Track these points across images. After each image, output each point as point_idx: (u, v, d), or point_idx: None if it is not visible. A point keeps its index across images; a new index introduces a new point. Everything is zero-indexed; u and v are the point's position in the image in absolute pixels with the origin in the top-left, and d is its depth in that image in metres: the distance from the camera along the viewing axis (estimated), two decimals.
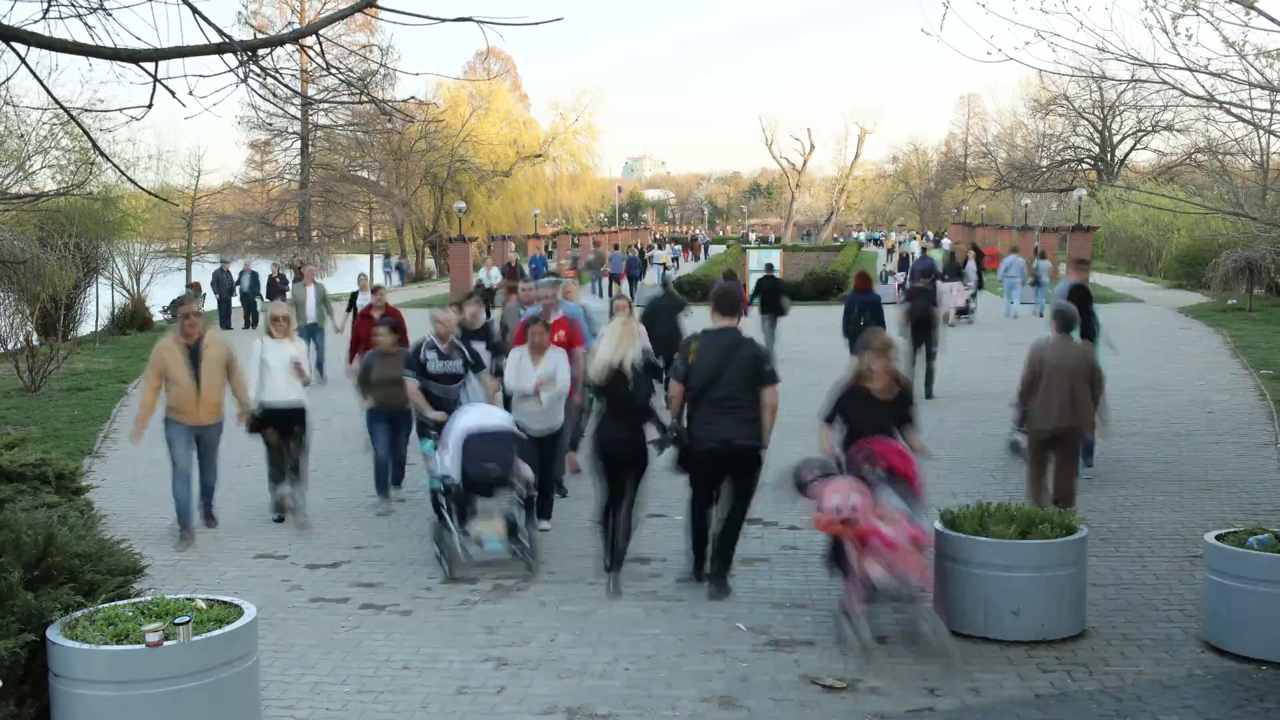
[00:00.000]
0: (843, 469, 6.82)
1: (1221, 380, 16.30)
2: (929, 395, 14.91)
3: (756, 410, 7.38)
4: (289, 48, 28.32)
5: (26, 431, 8.17)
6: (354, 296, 17.78)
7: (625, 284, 34.26)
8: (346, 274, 51.44)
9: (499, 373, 9.44)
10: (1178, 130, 52.60)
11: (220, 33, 4.77)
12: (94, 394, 16.36)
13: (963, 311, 25.08)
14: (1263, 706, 5.71)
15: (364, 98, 18.92)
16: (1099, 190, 49.18)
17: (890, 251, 52.08)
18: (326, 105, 41.80)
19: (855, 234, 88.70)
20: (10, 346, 19.20)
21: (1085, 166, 65.47)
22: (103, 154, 6.23)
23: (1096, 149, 64.89)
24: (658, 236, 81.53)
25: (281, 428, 9.50)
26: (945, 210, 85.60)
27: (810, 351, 19.56)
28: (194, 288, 34.89)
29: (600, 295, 32.40)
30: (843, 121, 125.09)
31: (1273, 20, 8.05)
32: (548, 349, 9.03)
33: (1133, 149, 64.73)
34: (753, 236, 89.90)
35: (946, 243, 45.34)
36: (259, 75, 4.90)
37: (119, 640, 4.83)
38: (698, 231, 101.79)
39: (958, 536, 6.73)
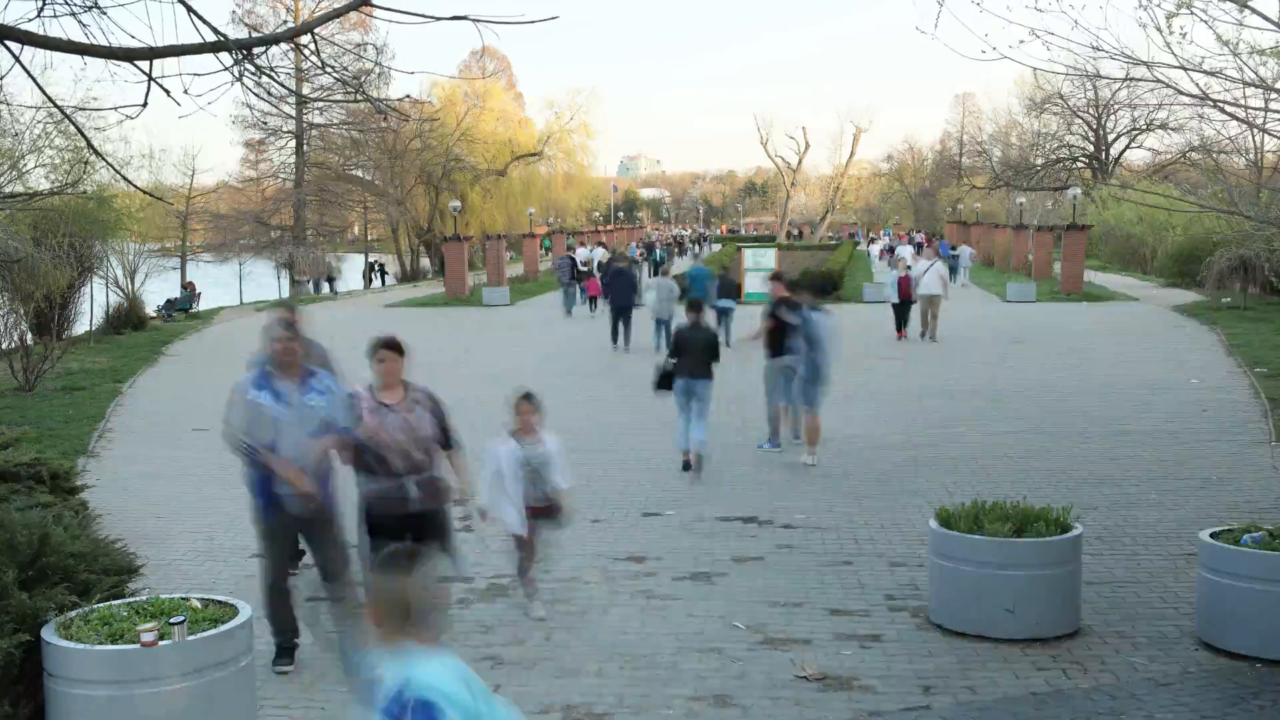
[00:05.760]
0: None
1: (1216, 379, 16.32)
2: None
3: None
4: (283, 46, 28.28)
5: (21, 431, 8.17)
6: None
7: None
8: (348, 273, 51.49)
9: None
10: (1172, 129, 52.77)
11: (215, 31, 4.77)
12: (88, 394, 16.32)
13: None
14: (1257, 704, 5.72)
15: (359, 96, 18.91)
16: (1094, 189, 49.18)
17: None
18: (321, 104, 41.67)
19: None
20: (5, 346, 19.15)
21: (1080, 165, 65.55)
22: (97, 153, 6.21)
23: (1091, 147, 65.01)
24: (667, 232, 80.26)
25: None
26: (940, 209, 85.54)
27: None
28: (189, 288, 34.86)
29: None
30: (838, 120, 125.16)
31: (1266, 19, 8.06)
32: None
33: (1127, 147, 64.91)
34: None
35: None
36: (253, 74, 4.90)
37: (114, 640, 4.83)
38: (687, 230, 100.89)
39: (952, 535, 6.73)
